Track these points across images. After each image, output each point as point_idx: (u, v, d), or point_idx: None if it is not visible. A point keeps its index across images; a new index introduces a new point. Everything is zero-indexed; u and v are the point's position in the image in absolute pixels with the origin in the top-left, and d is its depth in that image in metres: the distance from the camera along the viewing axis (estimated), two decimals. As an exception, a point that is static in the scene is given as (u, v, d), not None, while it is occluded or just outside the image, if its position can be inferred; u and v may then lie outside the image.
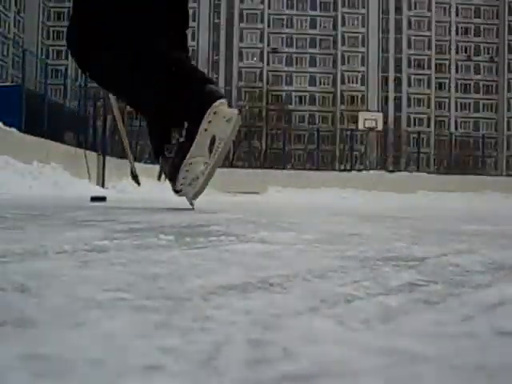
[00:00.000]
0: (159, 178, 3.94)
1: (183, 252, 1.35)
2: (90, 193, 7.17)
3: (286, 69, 72.41)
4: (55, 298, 0.75)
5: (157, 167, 3.99)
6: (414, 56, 73.01)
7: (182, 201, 4.02)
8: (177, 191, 3.69)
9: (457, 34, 73.43)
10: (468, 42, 73.37)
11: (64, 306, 0.71)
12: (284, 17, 72.97)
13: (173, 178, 3.67)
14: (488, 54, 73.13)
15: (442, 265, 1.24)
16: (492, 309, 0.77)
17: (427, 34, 73.19)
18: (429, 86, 72.86)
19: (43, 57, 59.21)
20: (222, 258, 1.25)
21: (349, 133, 30.96)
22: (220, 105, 3.22)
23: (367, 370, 0.50)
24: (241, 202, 7.65)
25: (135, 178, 5.12)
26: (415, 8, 73.32)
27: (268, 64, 72.29)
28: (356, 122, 29.35)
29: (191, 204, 3.78)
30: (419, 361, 0.52)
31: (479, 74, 73.14)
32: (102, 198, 5.19)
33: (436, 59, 72.96)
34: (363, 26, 73.00)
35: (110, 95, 4.46)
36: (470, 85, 73.14)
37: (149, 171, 18.31)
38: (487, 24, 73.21)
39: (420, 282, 0.98)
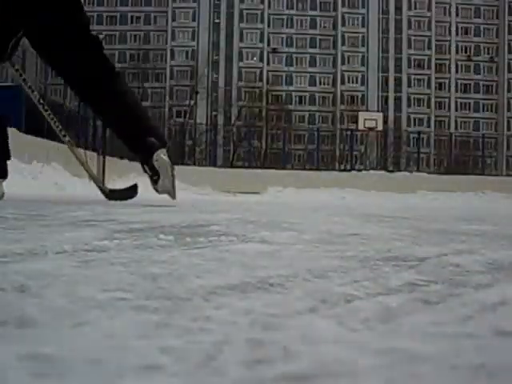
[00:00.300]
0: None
1: (183, 252, 1.35)
2: (89, 193, 7.15)
3: (285, 69, 72.34)
4: (55, 298, 0.75)
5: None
6: (414, 56, 72.97)
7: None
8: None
9: (457, 34, 73.37)
10: (468, 42, 73.31)
11: (64, 306, 0.71)
12: (284, 17, 72.91)
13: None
14: (488, 54, 73.08)
15: (442, 265, 1.24)
16: (492, 309, 0.77)
17: (427, 33, 73.13)
18: (429, 86, 72.81)
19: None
20: (222, 257, 1.25)
21: (349, 133, 30.94)
22: None
23: (367, 370, 0.50)
24: (241, 202, 7.64)
25: (115, 194, 4.94)
26: (415, 8, 73.25)
27: (268, 64, 72.24)
28: (356, 122, 29.32)
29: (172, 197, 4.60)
30: (419, 361, 0.52)
31: (479, 74, 73.08)
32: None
33: (436, 59, 72.90)
34: (363, 26, 72.95)
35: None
36: (470, 85, 73.09)
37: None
38: (487, 24, 73.16)
39: (420, 281, 0.98)
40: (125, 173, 16.54)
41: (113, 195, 4.69)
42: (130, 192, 4.69)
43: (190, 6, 71.48)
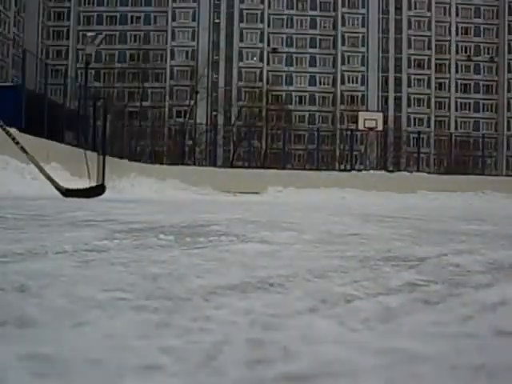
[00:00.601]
0: None
1: (183, 252, 1.35)
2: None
3: (285, 69, 72.25)
4: (55, 298, 0.75)
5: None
6: (414, 56, 72.88)
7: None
8: None
9: (457, 34, 73.29)
10: (468, 42, 73.23)
11: (64, 306, 0.71)
12: (284, 17, 72.81)
13: None
14: (488, 54, 72.99)
15: (442, 265, 1.24)
16: (492, 309, 0.77)
17: (427, 33, 73.06)
18: (429, 86, 72.73)
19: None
20: (222, 257, 1.25)
21: (349, 133, 30.91)
22: None
23: (367, 370, 0.50)
24: (241, 202, 7.64)
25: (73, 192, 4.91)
26: (415, 8, 73.17)
27: (268, 64, 72.15)
28: (356, 122, 29.31)
29: None
30: (419, 361, 0.52)
31: (479, 74, 72.99)
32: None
33: (436, 59, 72.81)
34: (363, 26, 72.87)
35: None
36: (470, 85, 73.00)
37: (147, 171, 18.28)
38: (487, 24, 73.08)
39: (420, 281, 0.98)
40: (125, 173, 16.52)
41: (70, 193, 4.70)
42: (93, 191, 4.66)
43: (189, 6, 71.41)
